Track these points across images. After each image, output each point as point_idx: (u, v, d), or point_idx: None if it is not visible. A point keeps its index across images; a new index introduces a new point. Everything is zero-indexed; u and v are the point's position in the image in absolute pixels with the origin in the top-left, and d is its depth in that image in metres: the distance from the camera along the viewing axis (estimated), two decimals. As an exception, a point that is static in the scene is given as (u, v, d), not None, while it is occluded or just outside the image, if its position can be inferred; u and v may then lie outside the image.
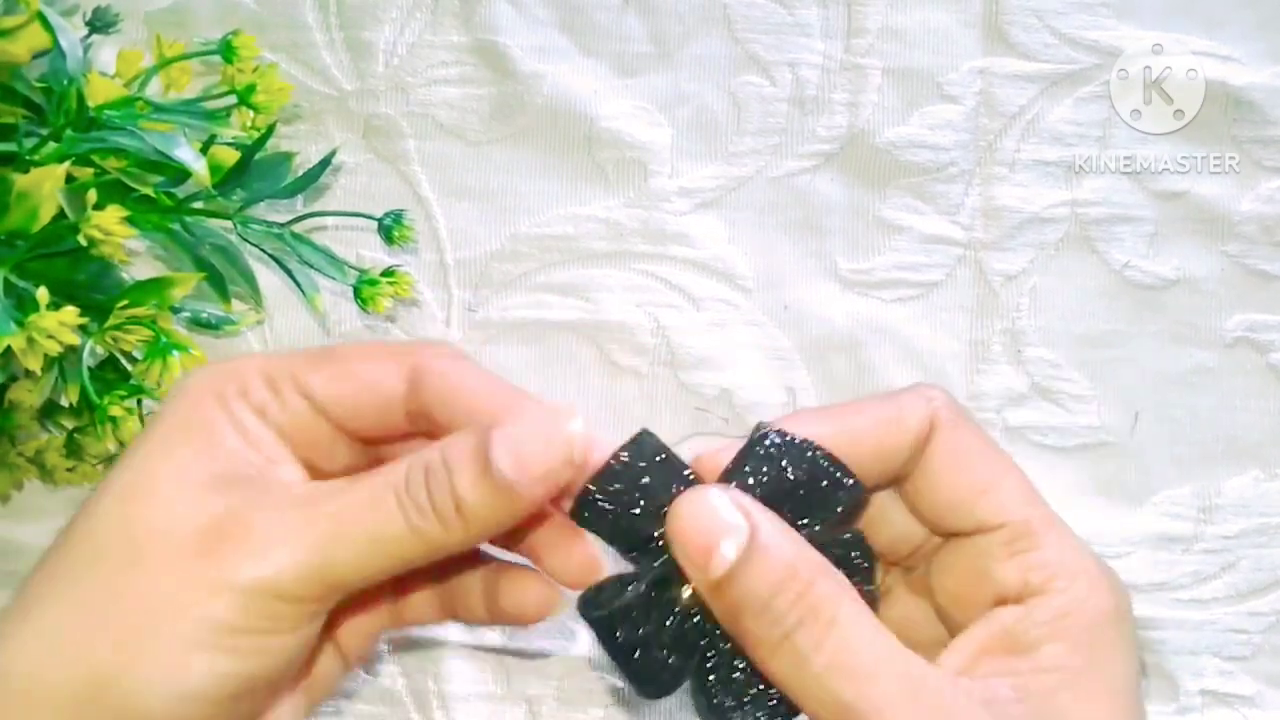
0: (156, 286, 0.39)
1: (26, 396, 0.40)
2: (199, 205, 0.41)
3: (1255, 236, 0.46)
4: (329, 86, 0.47)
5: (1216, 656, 0.45)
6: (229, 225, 0.42)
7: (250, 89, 0.41)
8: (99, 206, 0.37)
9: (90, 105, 0.38)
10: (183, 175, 0.40)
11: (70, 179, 0.38)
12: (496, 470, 0.28)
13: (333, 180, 0.47)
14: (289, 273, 0.43)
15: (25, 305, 0.36)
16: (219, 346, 0.46)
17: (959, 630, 0.31)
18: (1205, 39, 0.46)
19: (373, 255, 0.46)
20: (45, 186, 0.36)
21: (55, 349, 0.35)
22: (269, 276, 0.45)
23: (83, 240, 0.36)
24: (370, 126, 0.47)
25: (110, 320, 0.37)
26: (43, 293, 0.36)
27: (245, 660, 0.28)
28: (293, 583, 0.28)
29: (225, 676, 0.28)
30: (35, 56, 0.38)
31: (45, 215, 0.37)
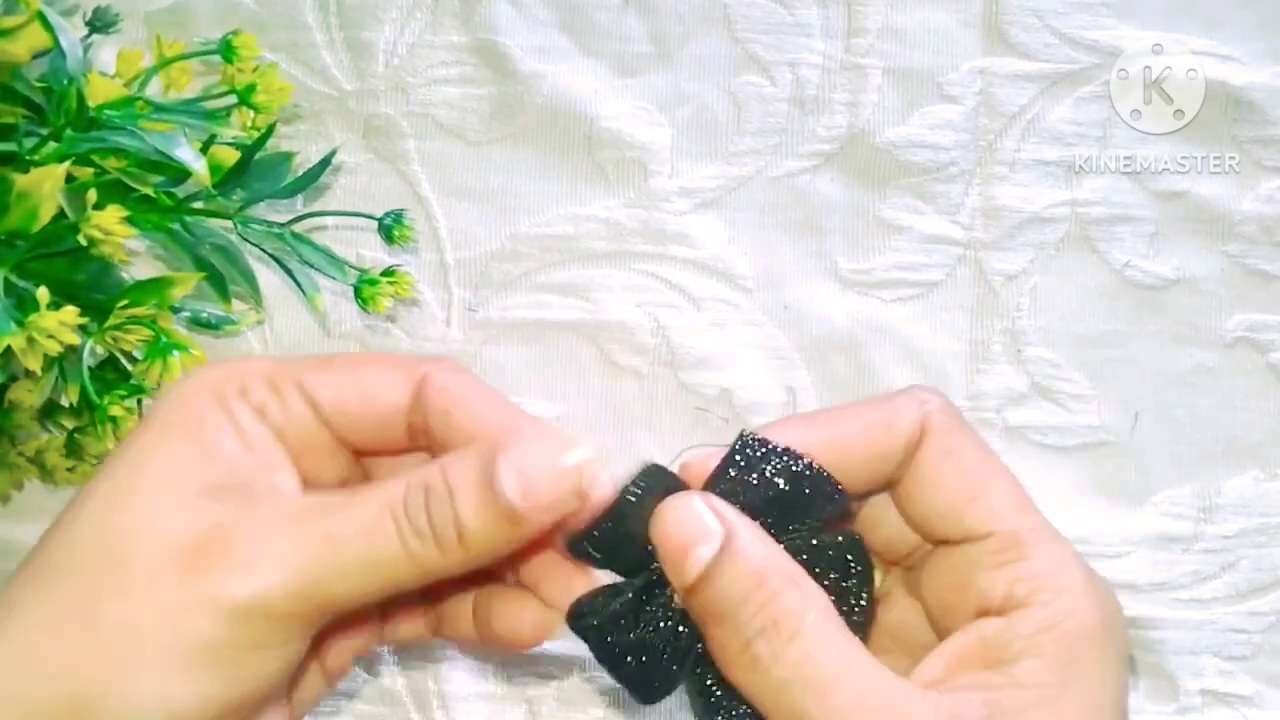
0: (156, 286, 0.39)
1: (26, 396, 0.40)
2: (199, 205, 0.41)
3: (1255, 236, 0.46)
4: (329, 86, 0.47)
5: (1216, 656, 0.45)
6: (229, 225, 0.42)
7: (250, 89, 0.41)
8: (99, 206, 0.37)
9: (90, 105, 0.38)
10: (183, 175, 0.40)
11: (70, 179, 0.38)
12: (502, 496, 0.27)
13: (333, 180, 0.47)
14: (289, 273, 0.43)
15: (25, 305, 0.36)
16: (219, 346, 0.46)
17: (946, 638, 0.30)
18: (1205, 39, 0.46)
19: (373, 255, 0.46)
20: (45, 186, 0.36)
21: (55, 349, 0.35)
22: (269, 276, 0.45)
23: (83, 240, 0.36)
24: (370, 126, 0.47)
25: (110, 320, 0.37)
26: (43, 293, 0.36)
27: (230, 680, 0.27)
28: (282, 601, 0.27)
29: (210, 698, 0.27)
30: (35, 56, 0.38)
31: (45, 215, 0.36)
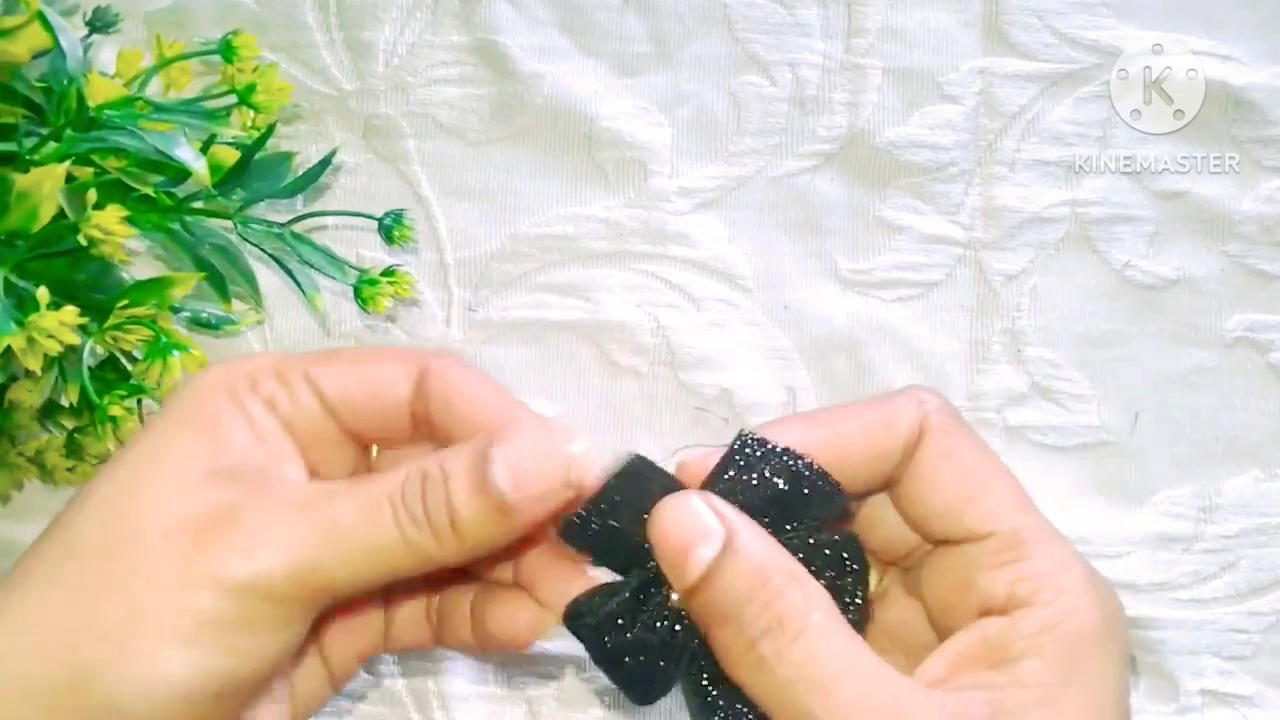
0: (156, 286, 0.39)
1: (26, 396, 0.40)
2: (199, 205, 0.41)
3: (1255, 236, 0.46)
4: (329, 86, 0.47)
5: (1216, 656, 0.45)
6: (229, 225, 0.42)
7: (250, 89, 0.41)
8: (99, 206, 0.37)
9: (90, 105, 0.38)
10: (183, 175, 0.40)
11: (70, 179, 0.38)
12: (494, 487, 0.28)
13: (333, 180, 0.47)
14: (289, 273, 0.43)
15: (25, 305, 0.36)
16: (219, 346, 0.46)
17: (947, 638, 0.30)
18: (1205, 39, 0.46)
19: (373, 255, 0.46)
20: (45, 186, 0.36)
21: (55, 349, 0.35)
22: (269, 276, 0.45)
23: (83, 240, 0.36)
24: (370, 126, 0.47)
25: (110, 320, 0.37)
26: (43, 293, 0.36)
27: (227, 658, 0.27)
28: (281, 582, 0.27)
29: (208, 673, 0.27)
30: (35, 56, 0.38)
31: (45, 215, 0.36)
